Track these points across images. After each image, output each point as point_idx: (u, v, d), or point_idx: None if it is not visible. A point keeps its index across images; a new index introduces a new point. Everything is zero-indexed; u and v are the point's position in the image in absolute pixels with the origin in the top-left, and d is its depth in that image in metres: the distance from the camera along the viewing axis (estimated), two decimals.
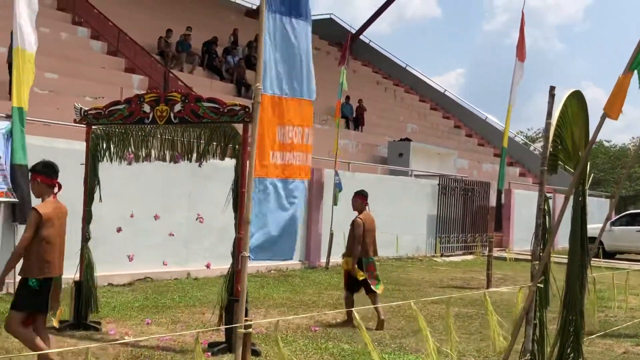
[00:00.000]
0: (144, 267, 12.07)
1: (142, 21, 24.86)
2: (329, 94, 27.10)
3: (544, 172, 6.04)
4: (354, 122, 27.61)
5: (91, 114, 8.41)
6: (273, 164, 7.36)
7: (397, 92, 37.64)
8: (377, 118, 30.10)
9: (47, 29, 18.49)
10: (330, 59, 36.17)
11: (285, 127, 7.42)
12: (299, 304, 11.00)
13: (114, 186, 9.84)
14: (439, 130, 34.46)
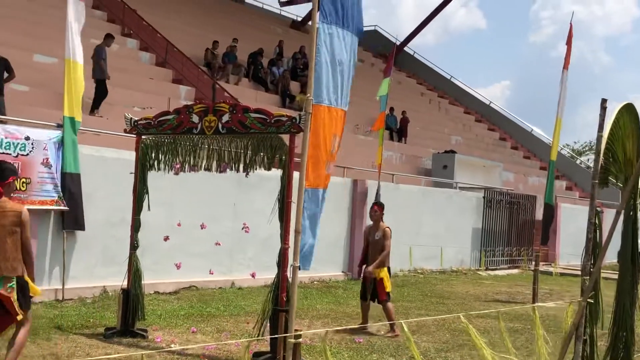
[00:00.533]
0: (190, 276, 12.19)
1: (190, 33, 25.19)
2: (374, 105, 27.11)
3: (595, 186, 5.95)
4: (398, 133, 27.53)
5: (141, 124, 8.54)
6: (325, 175, 7.42)
7: (442, 103, 37.45)
8: (421, 129, 29.96)
9: (97, 41, 18.82)
10: (374, 70, 36.17)
11: (335, 137, 7.50)
12: (342, 316, 10.98)
13: (162, 195, 9.97)
14: (484, 143, 34.15)
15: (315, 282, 14.63)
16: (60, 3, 17.38)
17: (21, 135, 10.06)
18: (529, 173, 32.39)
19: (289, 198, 7.39)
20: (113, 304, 9.97)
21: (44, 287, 10.37)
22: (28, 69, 15.55)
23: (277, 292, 7.40)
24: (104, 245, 11.13)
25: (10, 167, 6.20)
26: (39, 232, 10.30)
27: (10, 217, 5.89)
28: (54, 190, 10.36)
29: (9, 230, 5.87)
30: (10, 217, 5.89)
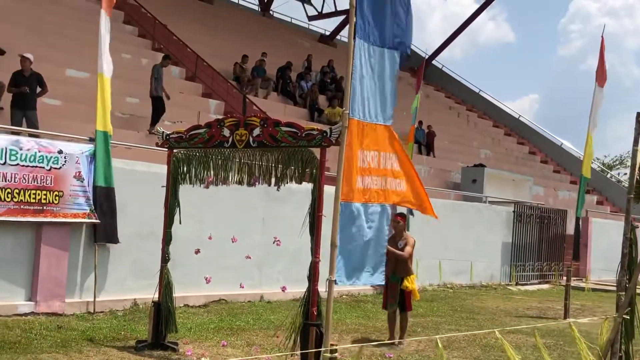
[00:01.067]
0: (219, 289, 12.22)
1: (219, 47, 25.40)
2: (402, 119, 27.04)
3: (630, 200, 5.87)
4: (426, 147, 27.45)
5: (173, 138, 8.60)
6: (359, 189, 7.39)
7: (471, 117, 37.28)
8: (450, 143, 29.84)
9: (128, 55, 19.09)
10: (402, 84, 36.12)
11: (365, 152, 7.47)
12: (372, 330, 10.93)
13: (192, 208, 10.00)
14: (514, 156, 33.92)
15: (344, 296, 14.58)
16: (90, 17, 17.64)
17: (54, 149, 10.18)
18: (559, 187, 32.09)
19: (320, 211, 7.38)
20: (144, 317, 10.02)
21: (75, 299, 10.49)
22: (60, 84, 15.77)
23: (308, 306, 7.38)
24: (135, 258, 11.21)
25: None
26: (71, 244, 10.41)
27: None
28: (86, 203, 10.47)
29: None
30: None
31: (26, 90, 13.18)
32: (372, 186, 7.57)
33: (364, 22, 7.41)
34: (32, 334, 8.60)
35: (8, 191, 9.59)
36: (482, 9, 39.27)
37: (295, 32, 36.27)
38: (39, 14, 19.08)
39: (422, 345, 9.81)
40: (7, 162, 9.61)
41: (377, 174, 7.63)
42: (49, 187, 10.04)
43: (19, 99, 13.19)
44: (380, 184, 7.62)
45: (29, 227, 9.99)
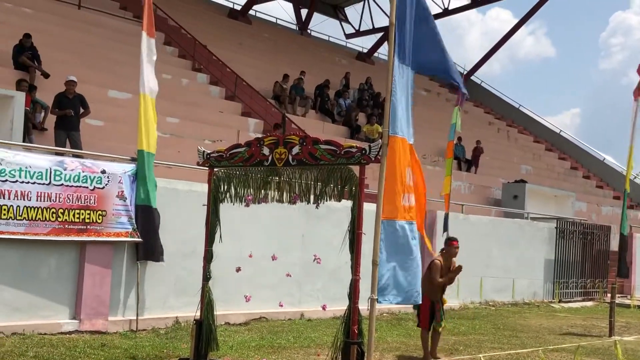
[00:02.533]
0: (260, 307, 12.25)
1: (257, 67, 25.64)
2: (440, 135, 26.95)
3: None
4: (467, 163, 27.28)
5: (213, 157, 8.68)
6: (403, 206, 7.40)
7: (511, 132, 36.97)
8: (490, 159, 29.62)
9: (169, 76, 19.36)
10: (441, 100, 36.05)
11: (408, 169, 7.50)
12: (414, 348, 10.84)
13: (232, 226, 10.07)
14: (555, 172, 33.52)
15: (385, 314, 14.50)
16: (131, 39, 17.96)
17: (97, 169, 10.35)
18: (602, 202, 31.59)
19: (360, 229, 7.37)
20: (186, 335, 10.08)
21: (119, 317, 10.61)
22: (103, 105, 16.06)
23: (349, 324, 7.36)
24: (176, 276, 11.30)
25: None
26: (113, 263, 10.54)
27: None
28: (129, 222, 10.61)
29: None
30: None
31: (71, 114, 13.47)
32: (412, 204, 7.58)
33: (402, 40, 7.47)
34: (76, 352, 8.71)
35: (53, 211, 9.76)
36: (521, 24, 39.05)
37: (332, 50, 36.45)
38: (81, 37, 19.49)
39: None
40: (52, 182, 9.80)
41: (410, 191, 7.67)
42: (93, 206, 10.20)
43: (63, 120, 13.48)
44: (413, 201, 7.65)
45: (73, 246, 10.15)
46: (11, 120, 12.15)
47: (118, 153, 11.82)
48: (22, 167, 9.53)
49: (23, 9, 19.31)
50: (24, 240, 9.55)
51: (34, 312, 9.73)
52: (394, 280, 7.35)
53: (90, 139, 14.03)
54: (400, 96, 7.43)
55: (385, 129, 6.95)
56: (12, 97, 12.37)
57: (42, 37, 16.96)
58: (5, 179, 9.35)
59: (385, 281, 7.27)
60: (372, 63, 36.76)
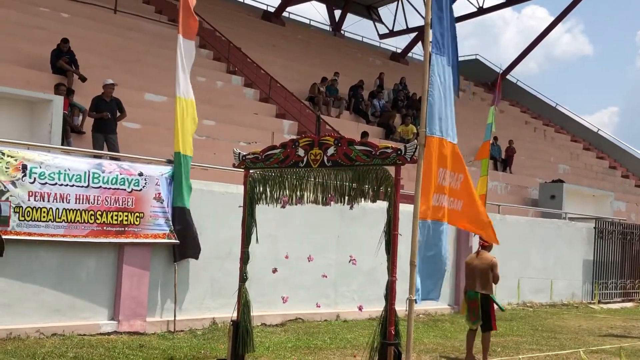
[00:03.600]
0: (296, 308, 12.26)
1: (292, 68, 25.70)
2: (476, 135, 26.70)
3: None
4: (503, 163, 27.02)
5: (249, 159, 8.71)
6: (434, 206, 7.38)
7: (547, 131, 36.57)
8: (526, 159, 29.31)
9: (203, 78, 19.50)
10: (476, 99, 35.81)
11: (442, 169, 7.47)
12: (451, 350, 10.77)
13: (267, 228, 10.11)
14: (593, 171, 33.05)
15: (421, 315, 14.43)
16: (167, 43, 18.12)
17: (135, 171, 10.46)
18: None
19: (396, 230, 7.34)
20: (222, 336, 10.14)
21: (156, 318, 10.71)
22: (139, 108, 16.23)
23: (386, 325, 7.33)
24: (213, 278, 11.37)
25: None
26: (151, 264, 10.64)
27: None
28: (166, 224, 10.70)
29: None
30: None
31: (108, 117, 13.64)
32: (445, 204, 7.55)
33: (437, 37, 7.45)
34: (115, 353, 8.81)
35: (91, 213, 9.89)
36: (557, 22, 38.58)
37: (366, 51, 36.39)
38: (117, 41, 19.71)
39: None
40: (90, 184, 9.92)
41: (445, 192, 7.63)
42: (130, 208, 10.31)
43: (101, 123, 13.65)
44: (448, 202, 7.62)
45: (111, 248, 10.27)
46: (50, 123, 12.33)
47: (155, 155, 11.92)
48: (61, 170, 9.67)
49: (60, 14, 19.59)
50: (63, 242, 9.69)
51: (73, 314, 9.86)
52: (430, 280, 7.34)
53: (127, 141, 14.18)
54: (439, 95, 7.40)
55: (422, 129, 6.91)
56: (50, 101, 12.56)
57: (79, 41, 17.19)
58: (44, 182, 9.49)
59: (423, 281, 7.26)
60: (407, 63, 36.62)
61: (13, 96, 12.39)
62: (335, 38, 36.28)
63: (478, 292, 9.88)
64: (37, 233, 9.38)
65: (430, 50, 6.96)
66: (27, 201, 9.30)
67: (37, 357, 8.19)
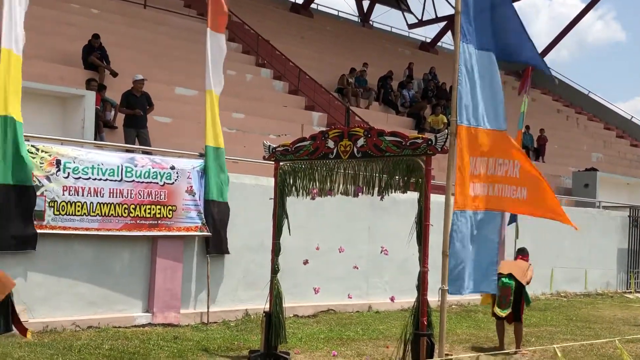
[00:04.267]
0: (327, 300, 12.30)
1: (320, 60, 25.67)
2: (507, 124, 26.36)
3: None
4: (535, 152, 26.75)
5: (279, 151, 8.74)
6: (470, 196, 7.34)
7: (580, 120, 36.11)
8: (559, 147, 28.98)
9: (233, 72, 19.56)
10: (507, 88, 35.41)
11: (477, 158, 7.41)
12: (484, 340, 10.73)
13: (298, 219, 10.13)
14: (627, 159, 32.57)
15: (454, 306, 14.38)
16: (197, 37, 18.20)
17: (167, 165, 10.55)
18: None
19: (427, 221, 7.33)
20: (255, 327, 10.21)
21: (190, 310, 10.81)
22: (170, 102, 16.35)
23: (418, 316, 7.33)
24: (245, 270, 11.45)
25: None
26: (184, 257, 10.74)
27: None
28: (198, 217, 10.78)
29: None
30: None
31: (140, 114, 13.77)
32: (481, 193, 7.49)
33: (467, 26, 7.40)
34: (149, 345, 8.92)
35: (125, 207, 10.00)
36: (589, 8, 38.05)
37: (395, 41, 36.21)
38: (147, 36, 19.86)
39: (536, 355, 9.56)
40: (123, 178, 10.03)
41: (486, 180, 7.55)
42: (163, 202, 10.41)
43: (132, 118, 13.78)
44: (489, 191, 7.53)
45: (144, 241, 10.38)
46: (82, 119, 12.48)
47: (186, 149, 12.02)
48: (94, 165, 9.78)
49: (91, 10, 19.78)
50: (97, 236, 9.82)
51: (108, 306, 10.00)
52: (464, 271, 7.30)
53: (159, 135, 14.30)
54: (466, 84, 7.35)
55: (453, 118, 6.87)
56: (82, 97, 12.70)
57: (110, 36, 17.35)
58: (78, 177, 9.61)
59: (457, 272, 7.23)
60: (436, 53, 36.38)
61: (46, 92, 12.56)
62: (363, 29, 36.15)
63: (512, 281, 9.84)
64: (72, 227, 9.51)
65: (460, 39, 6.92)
66: (62, 196, 9.43)
67: (73, 349, 8.31)
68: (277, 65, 22.34)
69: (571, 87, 39.30)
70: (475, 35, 7.48)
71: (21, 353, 7.93)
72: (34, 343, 8.46)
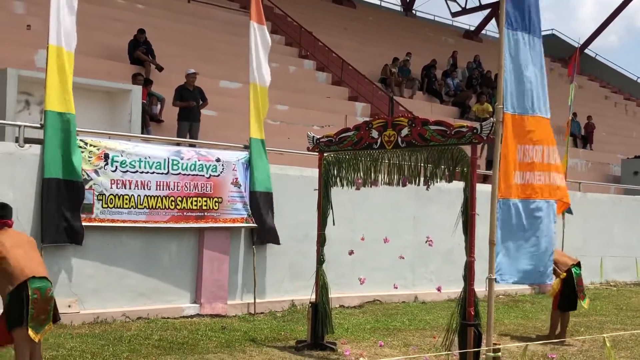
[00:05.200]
0: (373, 290, 12.29)
1: (363, 50, 25.59)
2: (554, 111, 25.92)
3: None
4: (582, 140, 26.32)
5: (323, 142, 8.77)
6: (515, 185, 7.27)
7: (629, 106, 35.38)
8: (607, 135, 28.46)
9: (276, 64, 19.58)
10: (553, 75, 34.89)
11: (526, 146, 7.35)
12: (532, 330, 10.62)
13: (343, 210, 10.15)
14: None
15: (501, 296, 14.25)
16: (240, 30, 18.30)
17: (212, 157, 10.65)
18: None
19: (473, 210, 7.27)
20: (302, 318, 10.26)
21: (237, 301, 10.91)
22: (215, 95, 16.47)
23: (465, 306, 7.29)
24: (291, 261, 11.50)
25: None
26: (231, 248, 10.83)
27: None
28: (244, 208, 10.86)
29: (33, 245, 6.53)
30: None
31: (193, 104, 13.92)
32: (534, 181, 7.41)
33: (513, 13, 7.32)
34: (198, 335, 9.03)
35: (172, 199, 10.13)
36: None
37: (439, 30, 35.92)
38: (191, 30, 20.02)
39: (586, 345, 9.43)
40: (170, 171, 10.16)
41: (541, 169, 7.48)
42: (209, 194, 10.51)
43: (186, 111, 13.94)
44: (544, 179, 7.47)
45: (191, 233, 10.50)
46: (129, 113, 12.64)
47: (231, 141, 12.11)
48: (141, 158, 9.92)
49: (136, 5, 20.03)
50: (145, 228, 9.95)
51: (157, 297, 10.14)
52: (510, 260, 7.24)
53: (204, 128, 14.43)
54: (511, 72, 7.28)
55: (499, 106, 6.81)
56: (129, 91, 12.87)
57: (155, 31, 17.54)
58: (126, 170, 9.76)
59: (501, 260, 7.17)
60: (480, 41, 35.97)
61: (94, 87, 12.76)
62: (406, 18, 35.92)
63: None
64: (120, 220, 9.66)
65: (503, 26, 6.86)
66: (110, 189, 9.59)
67: (123, 340, 8.46)
68: (320, 56, 22.35)
69: (619, 73, 38.57)
70: (520, 21, 7.40)
71: (73, 344, 8.10)
72: (85, 334, 8.64)
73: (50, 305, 6.15)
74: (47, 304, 6.10)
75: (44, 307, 6.06)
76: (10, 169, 8.89)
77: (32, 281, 6.01)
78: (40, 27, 14.38)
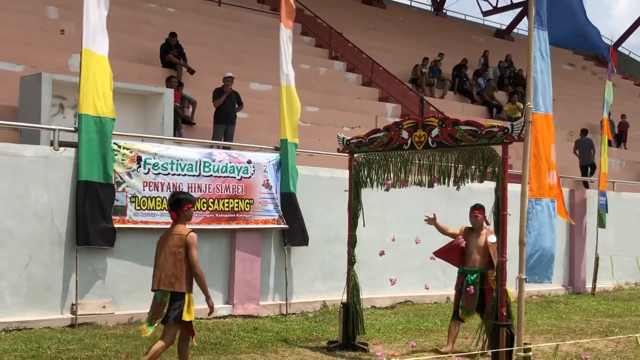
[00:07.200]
0: (405, 291, 12.28)
1: (393, 51, 25.55)
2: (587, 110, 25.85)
3: None
4: (616, 138, 25.98)
5: (353, 143, 8.79)
6: (548, 184, 7.26)
7: None
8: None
9: (306, 65, 19.68)
10: (586, 74, 34.55)
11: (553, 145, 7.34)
12: (566, 331, 10.52)
13: (373, 211, 10.15)
14: None
15: (534, 296, 14.14)
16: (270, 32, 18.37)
17: (243, 159, 10.73)
18: None
19: (505, 210, 7.25)
20: (333, 318, 10.29)
21: (269, 302, 10.97)
22: (246, 97, 16.55)
23: (496, 307, 7.26)
24: (322, 261, 11.53)
25: (186, 197, 6.91)
26: (262, 249, 10.90)
27: (175, 240, 6.65)
28: (275, 209, 10.92)
29: (171, 250, 6.60)
30: (175, 239, 6.65)
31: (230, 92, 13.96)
32: (553, 181, 7.41)
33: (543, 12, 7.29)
34: (230, 336, 9.10)
35: (203, 201, 10.22)
36: None
37: (470, 29, 35.74)
38: (222, 33, 20.16)
39: (620, 346, 9.32)
40: (202, 173, 10.25)
41: (553, 168, 7.48)
42: (241, 195, 10.59)
43: (222, 114, 13.99)
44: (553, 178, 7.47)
45: (223, 234, 10.58)
46: (162, 115, 12.78)
47: (262, 143, 12.18)
48: (173, 160, 10.03)
49: (167, 9, 20.22)
50: None
51: None
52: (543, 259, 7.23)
53: (236, 131, 14.50)
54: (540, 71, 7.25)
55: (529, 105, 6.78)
56: (162, 94, 13.01)
57: (186, 34, 17.69)
58: (158, 172, 9.87)
59: (534, 261, 7.15)
60: (512, 40, 35.70)
61: (127, 91, 12.92)
62: (437, 18, 35.78)
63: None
64: (153, 221, 9.77)
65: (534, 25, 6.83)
66: (142, 191, 9.71)
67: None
68: (350, 57, 22.36)
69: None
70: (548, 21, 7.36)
71: (108, 344, 8.21)
72: (120, 334, 8.75)
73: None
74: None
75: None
76: (45, 171, 9.04)
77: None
78: (74, 32, 14.61)
